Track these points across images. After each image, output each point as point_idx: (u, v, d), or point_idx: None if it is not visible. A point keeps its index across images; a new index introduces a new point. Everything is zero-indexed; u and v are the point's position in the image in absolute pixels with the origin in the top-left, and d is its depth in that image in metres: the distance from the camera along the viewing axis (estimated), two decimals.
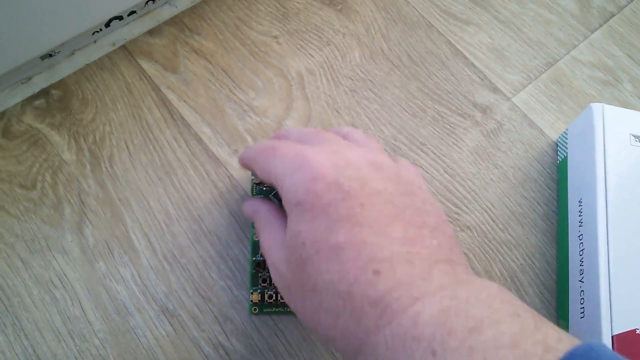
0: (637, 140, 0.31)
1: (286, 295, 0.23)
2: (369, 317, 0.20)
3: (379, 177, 0.23)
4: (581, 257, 0.30)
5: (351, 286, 0.20)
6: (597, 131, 0.31)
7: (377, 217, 0.22)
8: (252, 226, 0.30)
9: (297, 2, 0.39)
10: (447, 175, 0.35)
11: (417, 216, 0.22)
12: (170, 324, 0.29)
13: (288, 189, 0.23)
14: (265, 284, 0.29)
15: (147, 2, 0.36)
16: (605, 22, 0.41)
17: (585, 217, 0.31)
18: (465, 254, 0.33)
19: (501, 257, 0.33)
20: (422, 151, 0.35)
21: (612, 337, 0.27)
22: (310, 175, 0.22)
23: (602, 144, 0.31)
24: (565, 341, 0.18)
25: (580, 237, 0.31)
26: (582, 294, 0.30)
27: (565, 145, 0.35)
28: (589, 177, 0.31)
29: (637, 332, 0.27)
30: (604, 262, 0.28)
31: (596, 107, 0.32)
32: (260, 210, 0.27)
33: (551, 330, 0.19)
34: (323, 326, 0.21)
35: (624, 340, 0.27)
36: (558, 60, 0.39)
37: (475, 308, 0.19)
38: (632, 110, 0.32)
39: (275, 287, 0.29)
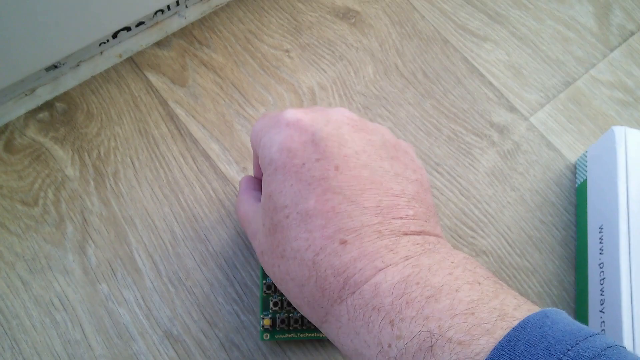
0: None
1: (262, 261, 0.23)
2: (332, 287, 0.20)
3: (359, 138, 0.22)
4: (602, 285, 0.29)
5: (317, 255, 0.20)
6: (619, 155, 0.30)
7: (351, 182, 0.21)
8: None
9: (310, 16, 0.38)
10: (462, 198, 0.33)
11: (395, 184, 0.21)
12: (175, 350, 0.28)
13: (263, 145, 0.22)
14: (277, 308, 0.28)
15: (155, 13, 0.35)
16: (624, 41, 0.40)
17: (606, 244, 0.29)
18: None
19: (518, 284, 0.31)
20: (437, 172, 0.34)
21: None
22: (286, 131, 0.22)
23: (625, 169, 0.30)
24: (523, 308, 0.18)
25: (601, 265, 0.30)
26: (602, 325, 0.28)
27: (584, 167, 0.34)
28: (610, 203, 0.30)
29: None
30: (626, 293, 0.27)
31: (618, 130, 0.31)
32: (241, 182, 0.27)
33: (510, 298, 0.18)
34: (291, 294, 0.21)
35: None
36: (577, 80, 0.38)
37: (436, 276, 0.19)
38: None
39: (287, 311, 0.28)
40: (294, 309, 0.28)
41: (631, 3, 0.41)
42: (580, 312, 0.30)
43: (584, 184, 0.33)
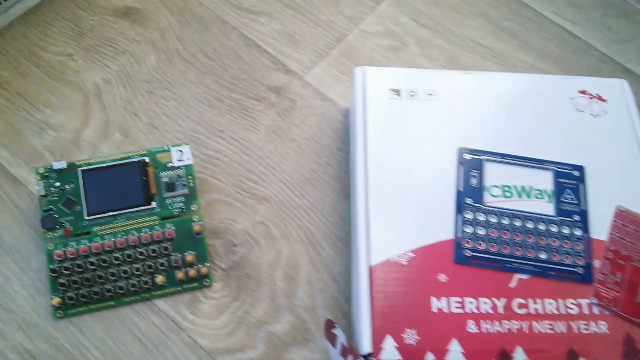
0: (395, 93, 0.34)
1: None
2: None
3: None
4: (354, 203, 0.33)
5: None
6: (359, 91, 0.34)
7: None
8: (44, 235, 0.32)
9: (91, 20, 0.40)
10: (245, 156, 0.37)
11: None
12: None
13: None
14: (65, 287, 0.31)
15: None
16: None
17: (354, 166, 0.33)
18: (263, 223, 0.35)
19: (298, 221, 0.35)
20: (221, 138, 0.37)
21: (369, 267, 0.29)
22: None
23: (363, 101, 0.34)
24: None
25: (354, 186, 0.33)
26: (355, 235, 0.32)
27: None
28: (354, 132, 0.33)
29: (391, 260, 0.29)
30: (362, 203, 0.31)
31: (358, 70, 0.35)
32: None
33: None
34: None
35: (378, 269, 0.29)
36: (347, 35, 0.42)
37: None
38: (390, 68, 0.35)
39: (74, 289, 0.31)
40: (81, 286, 0.31)
41: None
42: (351, 230, 0.34)
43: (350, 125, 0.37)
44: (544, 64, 0.43)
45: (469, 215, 0.31)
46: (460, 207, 0.31)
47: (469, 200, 0.32)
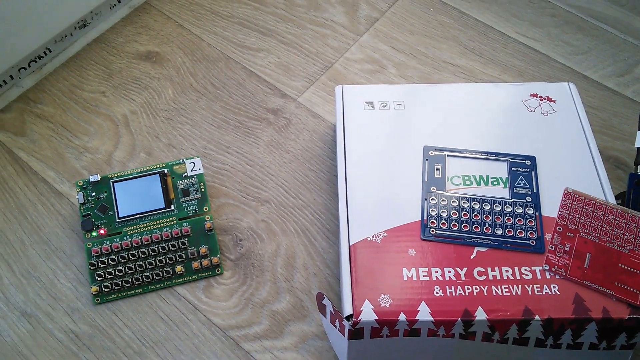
0: (369, 105, 0.41)
1: None
2: None
3: None
4: (339, 196, 0.38)
5: None
6: (338, 105, 0.41)
7: None
8: (84, 236, 0.38)
9: (120, 63, 0.48)
10: (248, 167, 0.43)
11: None
12: (29, 323, 0.36)
13: None
14: (101, 278, 0.37)
15: None
16: (371, 26, 0.51)
17: (338, 165, 0.39)
18: (265, 220, 0.41)
19: (294, 218, 0.41)
20: (228, 152, 0.44)
21: (349, 246, 0.35)
22: None
23: (343, 113, 0.40)
24: None
25: (338, 182, 0.39)
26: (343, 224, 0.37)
27: None
28: (337, 138, 0.40)
29: (367, 239, 0.35)
30: (342, 194, 0.37)
31: (337, 88, 0.42)
32: None
33: None
34: None
35: (357, 247, 0.35)
36: (334, 63, 0.49)
37: None
38: (365, 85, 0.42)
39: (109, 279, 0.37)
40: (115, 277, 0.37)
41: None
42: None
43: None
44: (509, 77, 0.49)
45: (434, 201, 0.37)
46: (426, 194, 0.37)
47: (433, 189, 0.37)
